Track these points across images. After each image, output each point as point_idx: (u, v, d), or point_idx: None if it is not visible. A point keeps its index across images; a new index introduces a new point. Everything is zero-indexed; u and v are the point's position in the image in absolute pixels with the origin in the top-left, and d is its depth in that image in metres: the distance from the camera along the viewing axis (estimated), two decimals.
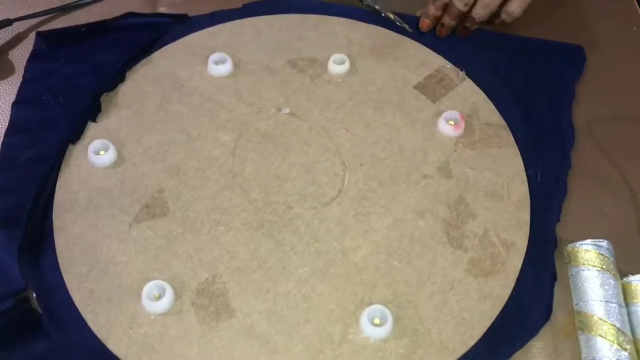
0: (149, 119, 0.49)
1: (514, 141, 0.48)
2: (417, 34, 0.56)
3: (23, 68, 0.52)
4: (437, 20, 0.55)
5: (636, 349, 0.38)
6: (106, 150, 0.46)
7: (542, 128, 0.50)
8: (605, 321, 0.38)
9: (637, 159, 0.49)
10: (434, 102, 0.51)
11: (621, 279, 0.40)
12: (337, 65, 0.52)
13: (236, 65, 0.53)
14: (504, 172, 0.47)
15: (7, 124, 0.48)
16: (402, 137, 0.48)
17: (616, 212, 0.46)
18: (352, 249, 0.43)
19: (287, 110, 0.50)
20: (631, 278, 0.40)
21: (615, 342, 0.37)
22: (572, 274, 0.41)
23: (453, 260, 0.42)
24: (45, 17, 0.56)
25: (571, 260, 0.41)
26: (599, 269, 0.40)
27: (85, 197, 0.44)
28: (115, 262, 0.42)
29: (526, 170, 0.47)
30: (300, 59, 0.53)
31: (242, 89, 0.51)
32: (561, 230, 0.44)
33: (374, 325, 0.39)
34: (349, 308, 0.40)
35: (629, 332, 0.38)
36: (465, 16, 0.54)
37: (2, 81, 0.52)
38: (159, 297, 0.40)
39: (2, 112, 0.49)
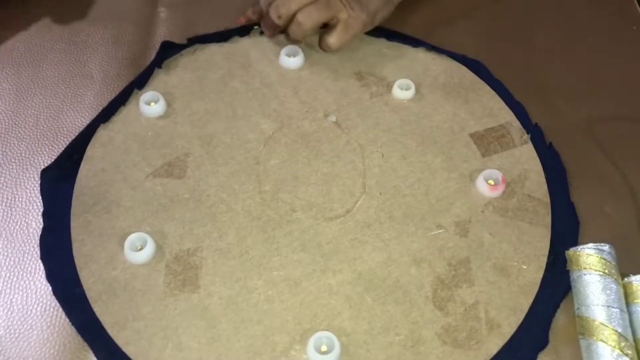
0: (207, 87, 0.51)
1: (549, 223, 0.44)
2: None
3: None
4: (252, 23, 0.55)
5: (637, 349, 0.37)
6: (156, 102, 0.49)
7: None
8: (606, 326, 0.37)
9: (637, 159, 0.48)
10: (483, 156, 0.48)
11: (622, 279, 0.39)
12: (402, 90, 0.51)
13: (306, 61, 0.53)
14: (524, 251, 0.43)
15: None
16: (434, 181, 0.46)
17: (616, 212, 0.45)
18: (333, 270, 0.41)
19: (334, 119, 0.49)
20: (632, 278, 0.40)
21: (617, 347, 0.36)
22: (573, 278, 0.40)
23: (428, 319, 0.40)
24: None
25: (573, 264, 0.41)
26: (601, 273, 0.39)
27: (122, 138, 0.47)
28: (119, 204, 0.44)
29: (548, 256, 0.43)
30: (369, 74, 0.53)
31: (301, 85, 0.52)
32: None
33: (318, 351, 0.38)
34: (303, 325, 0.39)
35: (630, 337, 0.37)
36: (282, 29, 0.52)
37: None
38: (140, 249, 0.42)
39: (8, 101, 0.53)
